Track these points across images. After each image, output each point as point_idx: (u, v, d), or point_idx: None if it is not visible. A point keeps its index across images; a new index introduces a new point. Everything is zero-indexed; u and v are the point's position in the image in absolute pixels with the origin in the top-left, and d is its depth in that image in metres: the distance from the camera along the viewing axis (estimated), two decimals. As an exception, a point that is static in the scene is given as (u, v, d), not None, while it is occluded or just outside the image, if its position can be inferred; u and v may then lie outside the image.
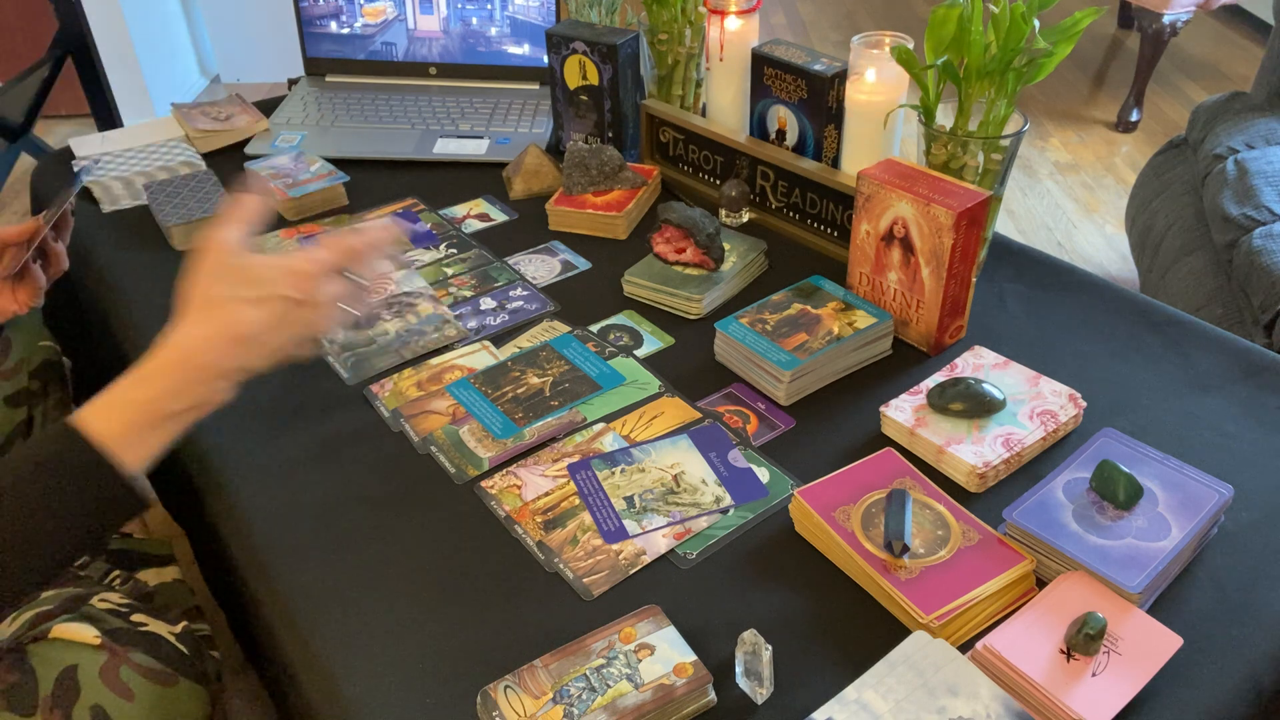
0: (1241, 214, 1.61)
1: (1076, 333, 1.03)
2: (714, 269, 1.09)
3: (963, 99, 1.00)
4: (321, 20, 1.53)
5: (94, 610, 0.88)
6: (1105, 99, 3.17)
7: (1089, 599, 0.71)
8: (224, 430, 0.93)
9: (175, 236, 1.21)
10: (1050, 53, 0.95)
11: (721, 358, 1.00)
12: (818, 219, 1.17)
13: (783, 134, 1.18)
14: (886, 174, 0.97)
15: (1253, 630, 0.72)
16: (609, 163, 1.23)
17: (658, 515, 0.83)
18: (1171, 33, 2.81)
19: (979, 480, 0.84)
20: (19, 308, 0.97)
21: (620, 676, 0.67)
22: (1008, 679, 0.67)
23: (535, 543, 0.81)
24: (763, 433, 0.92)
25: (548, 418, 0.93)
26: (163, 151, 1.40)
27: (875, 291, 1.02)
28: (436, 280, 1.14)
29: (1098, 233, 2.48)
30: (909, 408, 0.90)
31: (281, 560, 0.81)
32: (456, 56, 1.53)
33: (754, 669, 0.68)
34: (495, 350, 1.03)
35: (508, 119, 1.45)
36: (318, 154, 1.36)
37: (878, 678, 0.67)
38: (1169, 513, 0.76)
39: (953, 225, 0.91)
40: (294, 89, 1.55)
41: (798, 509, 0.81)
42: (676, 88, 1.30)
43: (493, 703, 0.67)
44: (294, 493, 0.87)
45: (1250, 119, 1.83)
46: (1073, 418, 0.89)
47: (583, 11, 1.33)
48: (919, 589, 0.72)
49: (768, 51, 1.15)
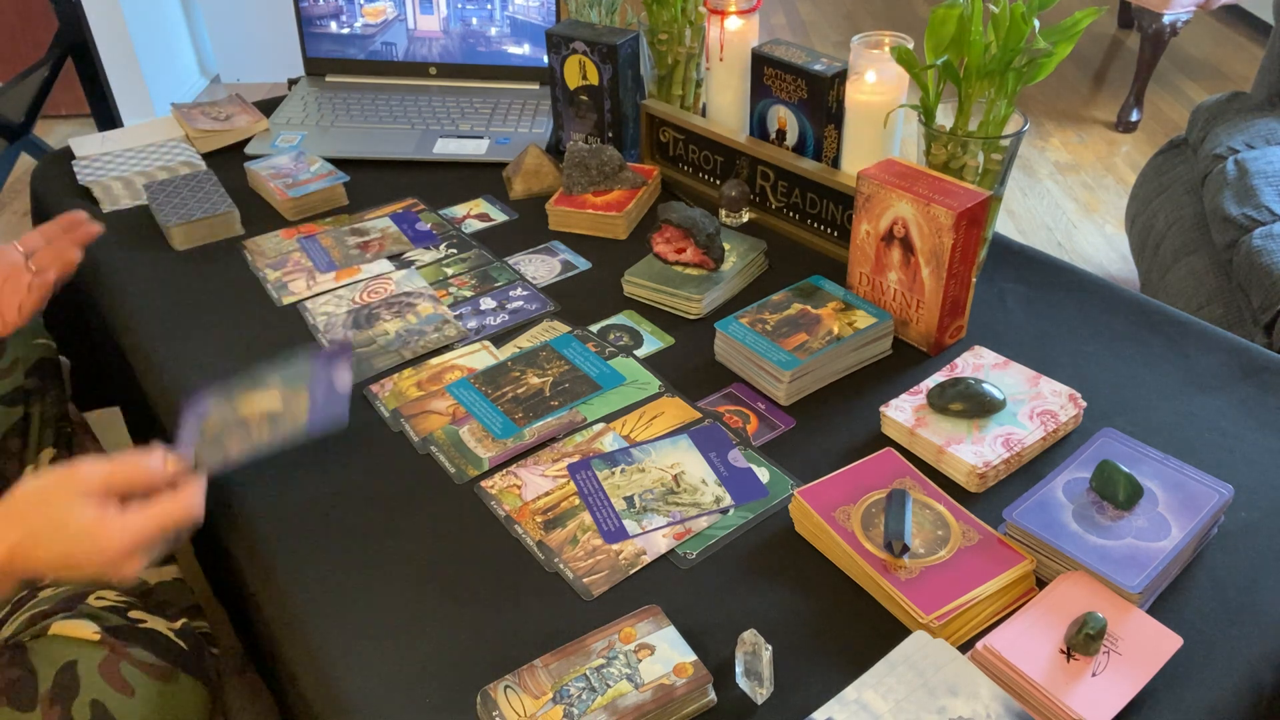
0: (1241, 214, 1.61)
1: (1076, 333, 1.03)
2: (714, 269, 1.09)
3: (963, 99, 1.00)
4: (321, 20, 1.53)
5: (91, 607, 0.88)
6: (1105, 99, 3.17)
7: (1089, 599, 0.71)
8: (224, 430, 0.93)
9: (175, 236, 1.21)
10: (1050, 53, 0.95)
11: (721, 358, 1.00)
12: (818, 219, 1.17)
13: (783, 134, 1.18)
14: (886, 174, 0.97)
15: (1253, 630, 0.72)
16: (609, 163, 1.23)
17: (658, 515, 0.83)
18: (1171, 33, 2.81)
19: (979, 480, 0.84)
20: (22, 320, 0.97)
21: (620, 676, 0.67)
22: (1008, 679, 0.67)
23: (535, 543, 0.81)
24: (763, 433, 0.92)
25: (548, 418, 0.93)
26: (163, 151, 1.40)
27: (875, 291, 1.02)
28: (436, 280, 1.14)
29: (1098, 233, 2.48)
30: (909, 408, 0.90)
31: (281, 560, 0.81)
32: (456, 56, 1.53)
33: (754, 669, 0.68)
34: (495, 350, 1.03)
35: (508, 119, 1.45)
36: (318, 154, 1.36)
37: (878, 678, 0.67)
38: (1169, 513, 0.76)
39: (953, 225, 0.91)
40: (294, 89, 1.55)
41: (798, 509, 0.81)
42: (676, 88, 1.30)
43: (493, 703, 0.67)
44: (294, 493, 0.86)
45: (1250, 119, 1.83)
46: (1073, 418, 0.89)
47: (583, 11, 1.33)
48: (919, 589, 0.72)
49: (768, 51, 1.15)
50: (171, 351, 1.04)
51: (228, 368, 1.01)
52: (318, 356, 0.78)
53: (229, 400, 0.79)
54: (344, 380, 0.75)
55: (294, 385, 0.76)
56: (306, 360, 0.79)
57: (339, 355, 0.78)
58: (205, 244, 1.22)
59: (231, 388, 0.81)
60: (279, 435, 0.73)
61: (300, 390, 0.75)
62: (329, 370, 0.75)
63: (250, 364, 1.01)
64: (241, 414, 0.76)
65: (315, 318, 1.08)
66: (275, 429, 0.74)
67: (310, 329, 1.07)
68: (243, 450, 0.75)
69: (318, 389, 0.75)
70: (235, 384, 0.81)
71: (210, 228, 1.23)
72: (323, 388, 0.75)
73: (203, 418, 0.77)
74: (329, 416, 0.73)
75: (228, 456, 0.75)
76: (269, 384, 0.78)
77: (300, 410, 0.74)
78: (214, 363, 1.02)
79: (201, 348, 1.04)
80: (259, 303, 1.12)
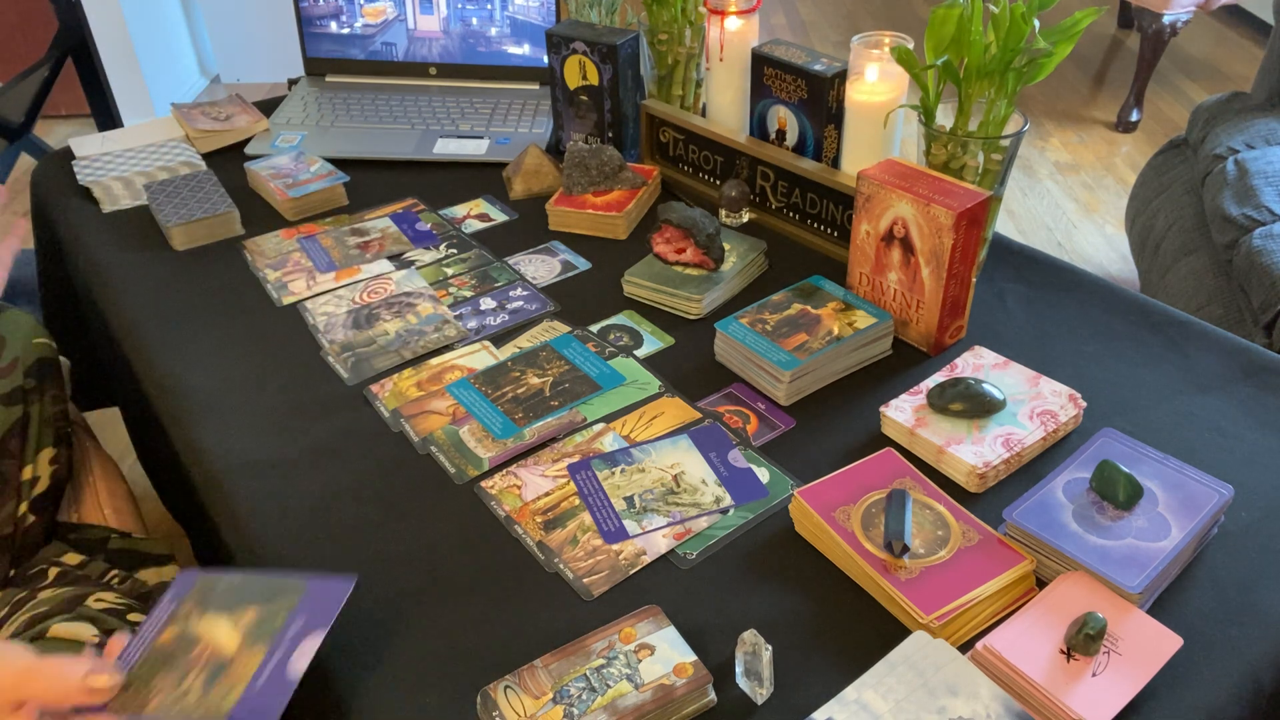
0: (1241, 214, 1.61)
1: (1076, 333, 1.03)
2: (714, 269, 1.09)
3: (963, 99, 1.00)
4: (321, 20, 1.53)
5: (90, 610, 0.88)
6: (1105, 99, 3.17)
7: (1089, 599, 0.71)
8: (224, 430, 0.93)
9: (175, 236, 1.21)
10: (1050, 53, 0.95)
11: (721, 358, 1.00)
12: (818, 219, 1.17)
13: (783, 134, 1.18)
14: (886, 174, 0.97)
15: (1253, 630, 0.72)
16: (609, 163, 1.23)
17: (658, 515, 0.83)
18: (1171, 33, 2.81)
19: (979, 480, 0.84)
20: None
21: (620, 676, 0.67)
22: (1008, 679, 0.67)
23: (535, 543, 0.81)
24: (763, 433, 0.92)
25: (548, 418, 0.93)
26: (163, 151, 1.40)
27: (875, 291, 1.02)
28: (436, 280, 1.14)
29: (1098, 233, 2.48)
30: (909, 408, 0.90)
31: (282, 560, 0.80)
32: (456, 56, 1.53)
33: (754, 669, 0.68)
34: (495, 350, 1.03)
35: (508, 119, 1.45)
36: (318, 154, 1.36)
37: (878, 678, 0.67)
38: (1169, 513, 0.76)
39: (953, 225, 0.91)
40: (294, 89, 1.55)
41: (798, 509, 0.81)
42: (676, 88, 1.30)
43: (493, 703, 0.67)
44: (294, 493, 0.87)
45: (1250, 119, 1.83)
46: (1073, 418, 0.89)
47: (583, 11, 1.33)
48: (919, 589, 0.72)
49: (768, 52, 1.15)
50: (171, 351, 1.04)
51: (228, 368, 1.01)
52: (305, 599, 0.71)
53: (203, 601, 0.72)
54: (303, 658, 0.67)
55: (259, 635, 0.71)
56: (290, 600, 0.73)
57: (324, 607, 0.70)
58: (205, 244, 1.22)
59: (217, 583, 0.73)
60: (193, 718, 0.65)
61: (259, 648, 0.70)
62: (304, 629, 0.70)
63: (250, 364, 1.02)
64: (198, 631, 0.70)
65: (315, 318, 1.08)
66: (202, 695, 0.68)
67: (310, 329, 1.07)
68: (157, 713, 0.66)
69: (272, 657, 0.70)
70: (220, 581, 0.73)
71: (210, 228, 1.23)
72: (277, 663, 0.69)
73: (162, 627, 0.71)
74: (255, 712, 0.65)
75: (142, 710, 0.66)
76: (244, 609, 0.71)
77: (241, 679, 0.69)
78: (214, 363, 1.02)
79: (201, 348, 1.05)
80: (259, 303, 1.12)
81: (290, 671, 0.67)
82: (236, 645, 0.68)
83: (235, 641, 0.69)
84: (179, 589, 0.73)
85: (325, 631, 0.68)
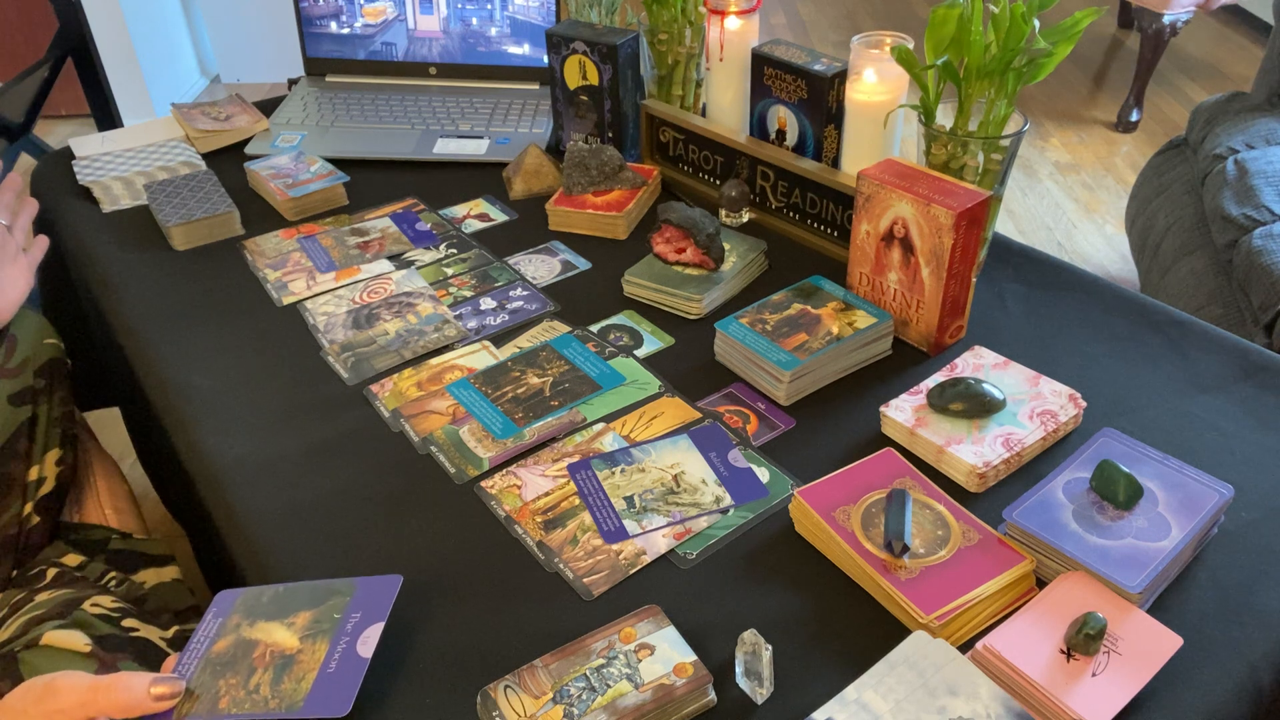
0: (1241, 214, 1.61)
1: (1076, 333, 1.03)
2: (714, 269, 1.09)
3: (963, 99, 1.00)
4: (321, 20, 1.53)
5: (85, 616, 0.88)
6: (1105, 99, 3.17)
7: (1089, 599, 0.71)
8: (224, 430, 0.93)
9: (175, 236, 1.21)
10: (1050, 53, 0.95)
11: (721, 358, 1.00)
12: (818, 219, 1.17)
13: (783, 134, 1.18)
14: (886, 174, 0.97)
15: (1253, 630, 0.72)
16: (609, 163, 1.23)
17: (658, 515, 0.83)
18: (1171, 33, 2.81)
19: (979, 480, 0.84)
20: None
21: (620, 676, 0.67)
22: (1008, 679, 0.67)
23: (535, 543, 0.81)
24: (763, 433, 0.92)
25: (548, 418, 0.93)
26: (163, 151, 1.40)
27: (875, 291, 1.02)
28: (436, 280, 1.14)
29: (1098, 233, 2.48)
30: (909, 408, 0.90)
31: (281, 560, 0.81)
32: (456, 56, 1.53)
33: (754, 669, 0.68)
34: (495, 350, 1.03)
35: (508, 119, 1.45)
36: (318, 154, 1.36)
37: (878, 678, 0.67)
38: (1169, 513, 0.76)
39: (953, 225, 0.91)
40: (294, 89, 1.55)
41: (798, 509, 0.81)
42: (676, 88, 1.30)
43: (493, 703, 0.67)
44: (294, 493, 0.87)
45: (1250, 119, 1.83)
46: (1073, 418, 0.89)
47: (583, 11, 1.33)
48: (919, 589, 0.72)
49: (768, 52, 1.15)
50: (171, 351, 1.04)
51: (228, 368, 1.01)
52: (356, 597, 0.72)
53: (251, 613, 0.73)
54: (368, 644, 0.69)
55: (319, 632, 0.72)
56: (343, 599, 0.75)
57: (378, 602, 0.72)
58: (205, 244, 1.22)
59: (260, 596, 0.74)
60: (269, 708, 0.66)
61: (321, 642, 0.72)
62: (362, 622, 0.71)
63: (250, 364, 1.02)
64: (254, 637, 0.71)
65: (315, 318, 1.08)
66: (274, 688, 0.69)
67: (310, 329, 1.07)
68: (231, 710, 0.67)
69: (337, 646, 0.71)
70: (264, 594, 0.74)
71: (210, 228, 1.23)
72: (345, 649, 0.70)
73: (213, 639, 0.72)
74: (331, 698, 0.66)
75: (214, 709, 0.67)
76: (296, 614, 0.72)
77: (310, 668, 0.70)
78: (214, 363, 1.02)
79: (201, 348, 1.05)
80: (259, 303, 1.12)
81: (361, 650, 0.68)
82: (297, 644, 0.70)
83: (295, 641, 0.70)
84: (220, 607, 0.74)
85: (384, 622, 0.70)
